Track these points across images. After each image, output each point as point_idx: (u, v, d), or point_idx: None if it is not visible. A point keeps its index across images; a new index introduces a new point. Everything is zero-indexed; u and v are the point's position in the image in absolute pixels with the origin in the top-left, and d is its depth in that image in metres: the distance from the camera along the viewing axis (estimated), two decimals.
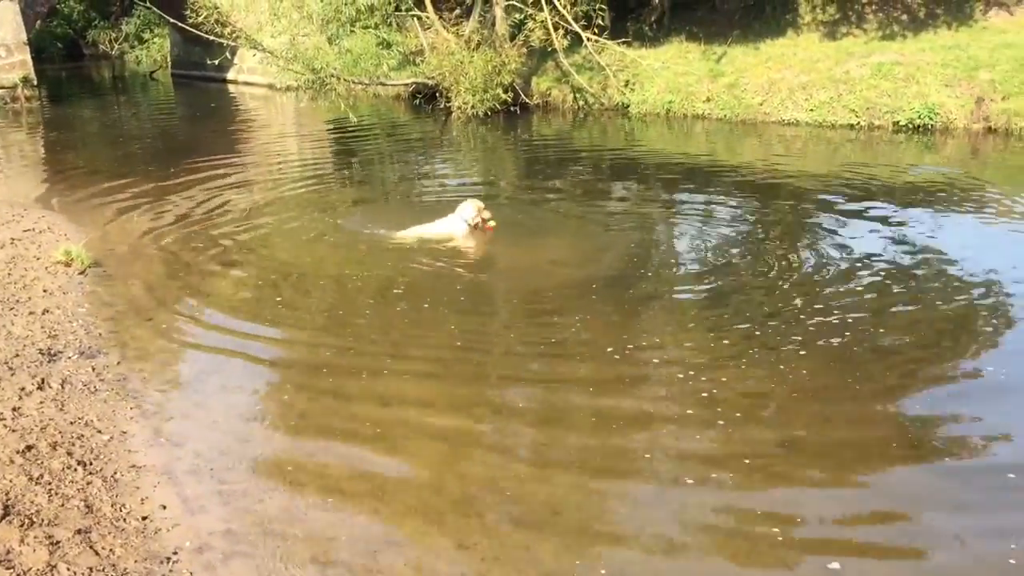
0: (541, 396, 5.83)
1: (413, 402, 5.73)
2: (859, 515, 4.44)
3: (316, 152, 17.16)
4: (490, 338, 6.81)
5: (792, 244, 9.12)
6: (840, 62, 17.15)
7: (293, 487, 4.73)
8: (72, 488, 4.59)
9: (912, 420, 5.37)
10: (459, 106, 18.63)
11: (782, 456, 4.96)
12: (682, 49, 19.86)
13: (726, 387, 5.75)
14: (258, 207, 11.20)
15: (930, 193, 11.15)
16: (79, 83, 34.27)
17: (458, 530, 4.35)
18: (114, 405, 5.63)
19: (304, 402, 5.77)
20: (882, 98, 15.82)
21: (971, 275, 7.81)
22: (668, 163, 13.88)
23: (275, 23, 18.68)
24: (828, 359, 6.12)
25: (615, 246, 9.17)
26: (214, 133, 19.84)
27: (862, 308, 7.09)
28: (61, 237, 9.55)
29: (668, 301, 7.54)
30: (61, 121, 21.95)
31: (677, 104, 18.27)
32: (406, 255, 8.87)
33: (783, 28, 19.46)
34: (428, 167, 14.88)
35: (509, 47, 18.90)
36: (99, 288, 7.95)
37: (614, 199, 11.48)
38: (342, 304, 7.49)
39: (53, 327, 6.86)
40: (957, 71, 15.58)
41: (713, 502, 4.54)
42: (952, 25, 17.80)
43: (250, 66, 27.31)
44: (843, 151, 14.65)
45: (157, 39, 38.93)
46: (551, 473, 4.87)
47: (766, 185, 12.01)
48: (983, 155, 13.91)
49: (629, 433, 5.27)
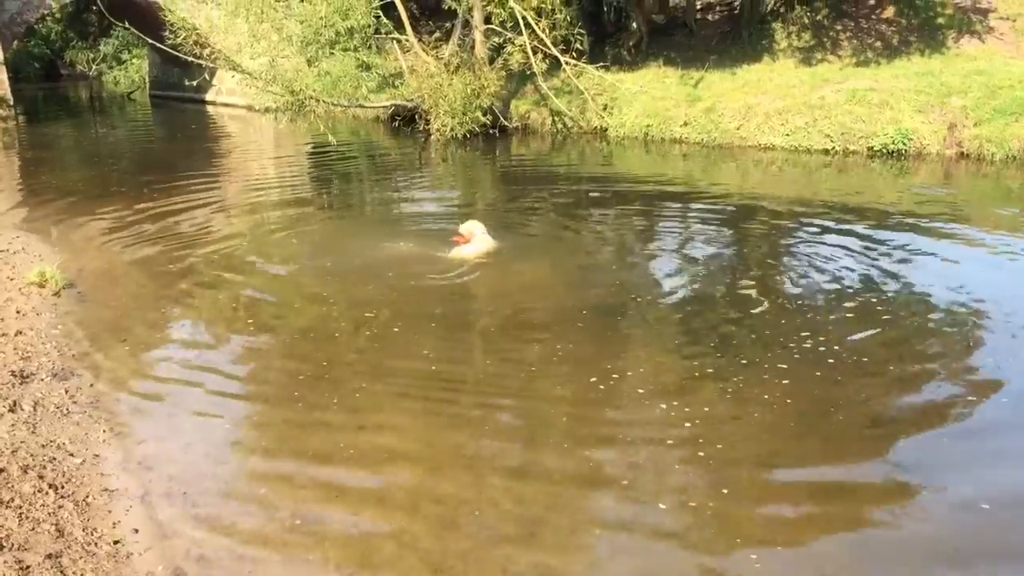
0: (518, 418, 5.82)
1: (389, 425, 5.70)
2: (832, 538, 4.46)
3: (295, 174, 17.14)
4: (466, 361, 6.80)
5: (769, 268, 9.19)
6: (815, 88, 17.37)
7: (267, 511, 4.69)
8: (43, 512, 4.53)
9: (891, 447, 5.41)
10: (438, 128, 18.70)
11: (758, 481, 4.97)
12: (660, 74, 20.07)
13: (703, 411, 5.76)
14: (235, 229, 11.16)
15: (904, 217, 11.27)
16: (56, 103, 34.16)
17: (433, 554, 4.32)
18: (87, 428, 5.57)
19: (279, 425, 5.74)
20: (857, 123, 16.03)
21: (946, 298, 7.88)
22: (646, 187, 13.96)
23: (254, 45, 18.72)
24: (806, 383, 6.15)
25: (593, 269, 9.20)
26: (192, 154, 19.80)
27: (840, 332, 7.14)
28: (35, 258, 9.47)
29: (645, 324, 7.54)
30: (37, 141, 21.84)
31: (655, 128, 18.42)
32: (382, 278, 8.85)
33: (759, 54, 19.71)
34: (407, 189, 14.90)
35: (488, 70, 19.03)
36: (73, 309, 7.89)
37: (592, 222, 11.52)
38: (318, 327, 7.46)
39: (26, 349, 6.79)
40: (930, 97, 15.81)
41: (690, 526, 4.55)
42: (925, 52, 18.09)
43: (229, 87, 27.35)
44: (819, 176, 14.80)
45: (135, 60, 38.90)
46: (528, 494, 4.86)
47: (743, 209, 12.10)
48: (956, 180, 14.09)
49: (606, 454, 5.27)
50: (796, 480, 4.99)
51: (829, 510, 4.69)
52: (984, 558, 4.26)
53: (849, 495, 4.83)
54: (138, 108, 32.20)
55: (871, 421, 5.63)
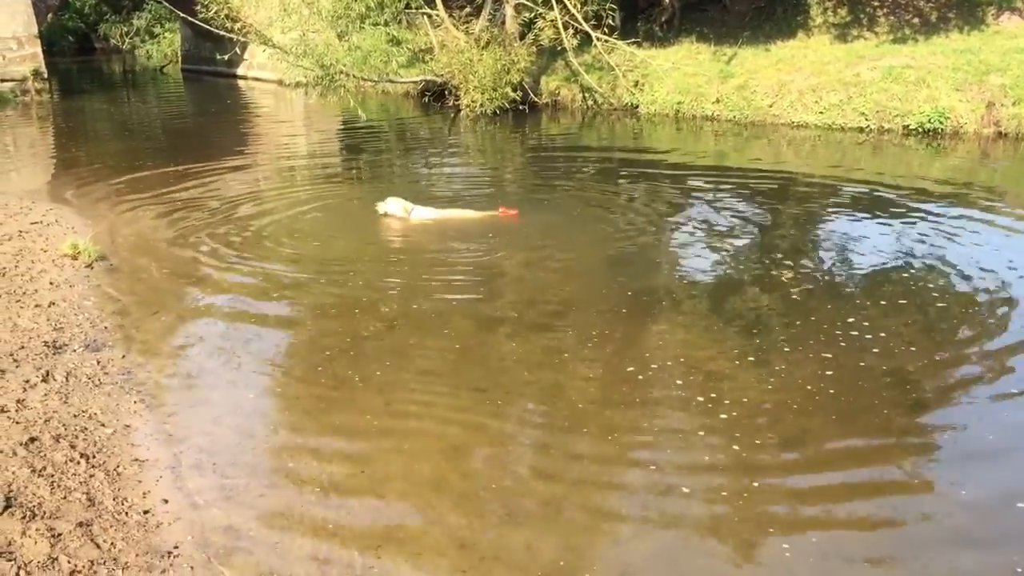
0: (545, 396, 5.81)
1: (415, 401, 5.72)
2: (868, 519, 4.43)
3: (325, 149, 17.16)
4: (493, 340, 6.79)
5: (802, 248, 9.09)
6: (851, 65, 17.08)
7: (295, 483, 4.73)
8: (74, 481, 4.60)
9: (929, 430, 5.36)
10: (468, 104, 18.62)
11: (787, 466, 4.93)
12: (692, 50, 19.82)
13: (733, 395, 5.71)
14: (265, 204, 11.20)
15: (940, 197, 11.09)
16: (89, 77, 34.39)
17: (459, 528, 4.33)
18: (118, 399, 5.63)
19: (306, 399, 5.77)
20: (892, 101, 15.75)
21: (983, 281, 7.76)
22: (677, 164, 13.83)
23: (285, 19, 18.67)
24: (841, 367, 6.08)
25: (623, 248, 9.13)
26: (223, 128, 19.88)
27: (875, 315, 7.05)
28: (68, 230, 9.57)
29: (676, 305, 7.49)
30: (71, 114, 22.02)
31: (686, 105, 18.23)
32: (410, 254, 8.87)
33: (794, 30, 19.40)
34: (436, 165, 14.89)
35: (519, 46, 18.88)
36: (105, 281, 7.97)
37: (622, 200, 11.44)
38: (346, 303, 7.47)
39: (59, 320, 6.87)
40: (968, 75, 15.50)
41: (717, 510, 4.53)
42: (964, 29, 17.72)
43: (260, 62, 27.35)
44: (852, 154, 14.59)
45: (168, 34, 39.00)
46: (554, 473, 4.86)
47: (776, 187, 11.96)
48: (993, 160, 13.84)
49: (634, 435, 5.26)
50: (828, 466, 4.93)
51: (862, 496, 4.64)
52: (1016, 545, 4.22)
53: (884, 481, 4.79)
54: (170, 82, 32.33)
55: (908, 407, 5.56)
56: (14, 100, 22.55)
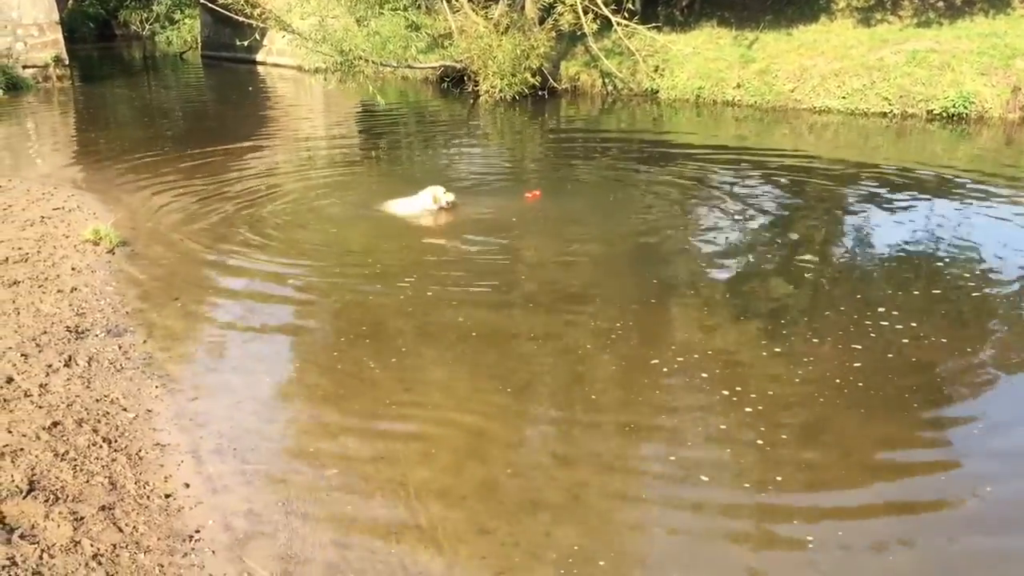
0: (565, 382, 5.80)
1: (434, 385, 5.73)
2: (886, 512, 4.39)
3: (344, 134, 17.17)
4: (512, 325, 6.77)
5: (825, 234, 9.03)
6: (874, 49, 16.89)
7: (316, 468, 4.74)
8: (97, 465, 4.63)
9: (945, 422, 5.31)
10: (487, 90, 18.58)
11: (811, 460, 4.90)
12: (713, 35, 19.68)
13: (758, 387, 5.67)
14: (285, 190, 11.21)
15: (965, 184, 10.96)
16: (110, 63, 34.54)
17: (479, 514, 4.33)
18: (140, 383, 5.66)
19: (326, 384, 5.78)
20: (916, 86, 15.58)
21: (1007, 269, 7.68)
22: (698, 150, 13.73)
23: (304, 4, 18.67)
24: (863, 354, 6.03)
25: (644, 234, 9.09)
26: (243, 114, 19.92)
27: (898, 303, 6.99)
28: (90, 216, 9.62)
29: (698, 292, 7.45)
30: (92, 100, 22.12)
31: (707, 90, 18.10)
32: (428, 239, 8.86)
33: (816, 14, 19.22)
34: (456, 150, 14.86)
35: (538, 31, 18.81)
36: (127, 267, 8.01)
37: (643, 186, 11.37)
38: (363, 288, 7.48)
39: (81, 305, 6.91)
40: (993, 59, 15.30)
41: (737, 499, 4.51)
42: (989, 12, 17.49)
43: (279, 48, 27.37)
44: (875, 139, 14.45)
45: (188, 20, 39.11)
46: (573, 460, 4.85)
47: (798, 173, 11.85)
48: (1018, 145, 13.67)
49: (654, 423, 5.23)
50: (853, 460, 4.88)
51: (886, 490, 4.59)
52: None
53: (910, 476, 4.75)
54: (190, 68, 32.42)
55: (936, 401, 5.50)
56: (36, 86, 22.68)
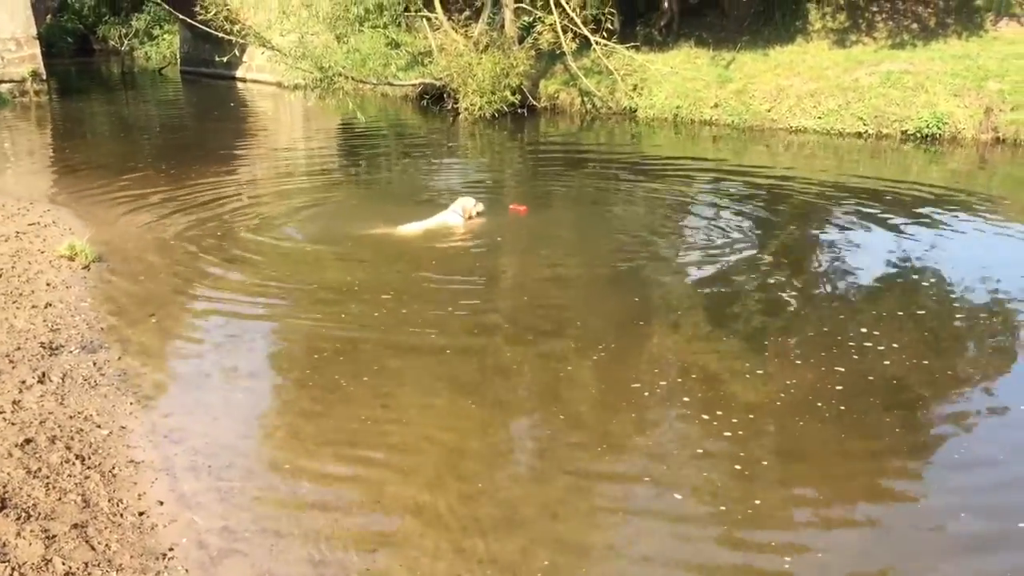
0: (542, 399, 5.81)
1: (411, 403, 5.71)
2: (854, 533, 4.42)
3: (323, 151, 17.15)
4: (489, 343, 6.77)
5: (799, 253, 9.11)
6: (849, 70, 17.10)
7: (291, 485, 4.72)
8: (70, 482, 4.59)
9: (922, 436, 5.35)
10: (467, 107, 18.62)
11: (787, 478, 4.92)
12: (691, 54, 19.83)
13: (732, 402, 5.71)
14: (263, 206, 11.18)
15: (938, 203, 11.08)
16: (88, 78, 34.35)
17: (456, 531, 4.32)
18: (114, 400, 5.62)
19: (305, 400, 5.76)
20: (891, 107, 15.76)
21: (978, 287, 7.80)
22: (676, 169, 13.82)
23: (284, 21, 18.69)
24: (835, 372, 6.08)
25: (621, 252, 9.12)
26: (221, 130, 19.85)
27: (870, 318, 7.07)
28: (66, 231, 9.55)
29: (673, 310, 7.49)
30: (69, 115, 22.00)
31: (685, 109, 18.23)
32: (411, 254, 8.86)
33: (792, 35, 19.42)
34: (434, 167, 14.87)
35: (518, 49, 18.89)
36: (102, 283, 7.95)
37: (622, 205, 11.43)
38: (341, 304, 7.46)
39: (55, 321, 6.85)
40: (966, 81, 15.52)
41: (711, 512, 4.52)
42: (962, 35, 17.74)
43: (259, 64, 27.33)
44: (851, 159, 14.61)
45: (167, 36, 38.93)
46: (550, 478, 4.85)
47: (774, 192, 11.95)
48: (991, 166, 13.86)
49: (630, 439, 5.25)
50: (831, 482, 4.91)
51: (864, 512, 4.62)
52: (1004, 547, 4.24)
53: (887, 498, 4.77)
54: (169, 84, 32.29)
55: (902, 410, 5.56)
56: (12, 101, 22.51)
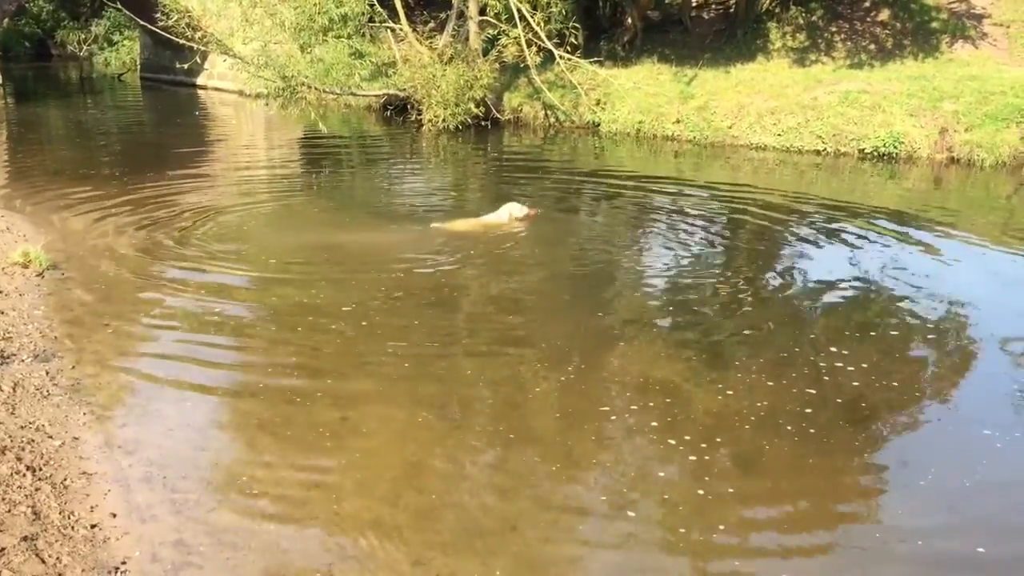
0: (502, 411, 5.79)
1: (372, 415, 5.67)
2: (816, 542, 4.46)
3: (285, 160, 17.04)
4: (451, 355, 6.76)
5: (756, 268, 9.20)
6: (808, 89, 17.36)
7: (247, 497, 4.66)
8: (20, 494, 4.48)
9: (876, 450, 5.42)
10: (430, 119, 18.61)
11: (742, 494, 4.94)
12: (654, 70, 20.01)
13: (691, 419, 5.74)
14: (222, 215, 11.06)
15: (892, 221, 11.27)
16: (46, 83, 33.83)
17: (415, 545, 4.29)
18: (67, 410, 5.51)
19: (262, 411, 5.69)
20: (848, 125, 16.03)
21: (930, 303, 7.95)
22: (638, 183, 13.91)
23: (247, 29, 18.55)
24: (791, 383, 6.15)
25: (581, 263, 9.18)
26: (181, 137, 19.63)
27: (825, 332, 7.18)
28: (20, 238, 9.37)
29: (636, 326, 7.51)
30: (26, 120, 21.65)
31: (647, 124, 18.37)
32: (368, 266, 8.81)
33: (753, 53, 19.69)
34: (396, 178, 14.83)
35: (482, 62, 18.93)
36: (56, 291, 7.81)
37: (584, 218, 11.50)
38: (302, 314, 7.40)
39: (7, 329, 6.72)
40: (922, 101, 15.83)
41: (670, 522, 4.53)
42: (919, 56, 18.11)
43: (220, 71, 27.13)
44: (809, 176, 14.81)
45: (127, 41, 38.45)
46: (510, 491, 4.84)
47: (734, 209, 12.08)
48: (946, 184, 14.13)
49: (590, 450, 5.25)
50: (783, 495, 4.94)
51: (816, 525, 4.66)
52: (963, 558, 4.29)
53: (839, 511, 4.82)
54: (128, 90, 31.88)
55: (855, 422, 5.63)
56: None
